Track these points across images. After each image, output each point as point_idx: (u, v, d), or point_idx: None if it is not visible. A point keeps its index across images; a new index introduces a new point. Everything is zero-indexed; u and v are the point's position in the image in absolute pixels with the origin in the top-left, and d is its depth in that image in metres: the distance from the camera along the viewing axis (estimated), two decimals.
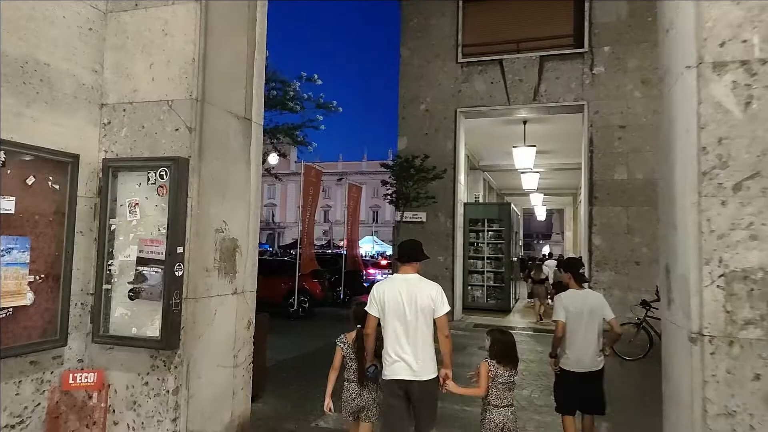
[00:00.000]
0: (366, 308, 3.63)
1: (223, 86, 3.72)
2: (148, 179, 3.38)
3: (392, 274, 4.05)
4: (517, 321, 13.39)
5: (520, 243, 25.96)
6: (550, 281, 15.48)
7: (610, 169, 11.85)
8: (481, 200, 20.14)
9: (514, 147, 14.40)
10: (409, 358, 3.44)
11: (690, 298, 2.65)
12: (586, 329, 4.24)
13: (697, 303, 2.60)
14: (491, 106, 12.65)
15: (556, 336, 4.31)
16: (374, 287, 3.68)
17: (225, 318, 3.73)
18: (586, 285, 4.63)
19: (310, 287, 12.63)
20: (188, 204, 3.38)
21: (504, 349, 3.61)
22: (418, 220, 12.76)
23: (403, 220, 12.51)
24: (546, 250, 50.73)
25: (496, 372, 3.57)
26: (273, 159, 12.13)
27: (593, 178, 11.93)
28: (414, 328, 3.47)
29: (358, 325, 3.83)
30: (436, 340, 3.57)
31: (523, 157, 14.46)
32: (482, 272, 14.94)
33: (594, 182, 11.92)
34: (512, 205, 15.90)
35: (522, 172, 17.63)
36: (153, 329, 3.30)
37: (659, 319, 8.98)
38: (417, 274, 3.65)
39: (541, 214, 35.76)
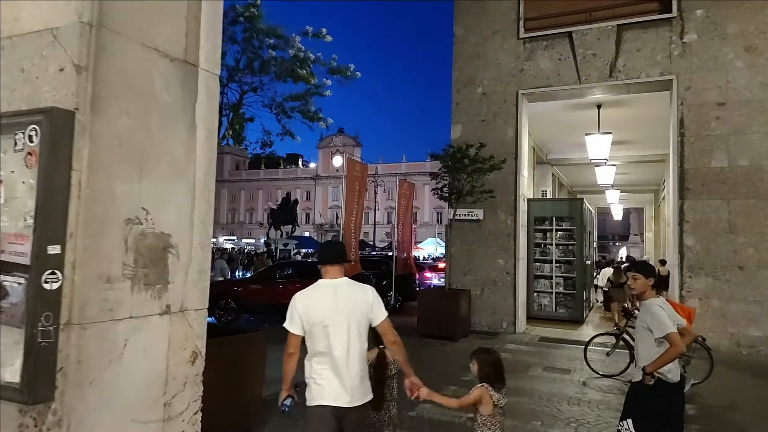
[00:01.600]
0: (285, 324, 3.06)
1: (140, 10, 2.55)
2: (15, 144, 2.26)
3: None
4: (593, 334, 11.56)
5: (594, 244, 23.73)
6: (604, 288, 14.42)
7: (706, 155, 9.89)
8: (548, 196, 18.30)
9: (586, 135, 12.63)
10: (340, 379, 2.97)
11: None
12: None
13: None
14: (559, 86, 10.98)
15: (677, 351, 3.45)
16: (295, 297, 3.08)
17: (146, 350, 2.56)
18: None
19: None
20: (72, 180, 2.23)
21: (496, 370, 3.13)
22: (474, 217, 11.29)
23: (456, 218, 11.08)
24: (623, 252, 47.08)
25: (498, 398, 3.07)
26: (338, 161, 11.15)
27: (684, 167, 10.01)
28: (346, 342, 2.99)
29: (380, 346, 3.58)
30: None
31: (598, 146, 12.65)
32: (550, 277, 13.23)
33: (685, 171, 10.00)
34: (585, 200, 14.03)
35: (596, 165, 15.68)
36: (14, 372, 2.17)
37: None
38: (346, 278, 3.15)
39: (617, 213, 32.90)
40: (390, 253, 23.85)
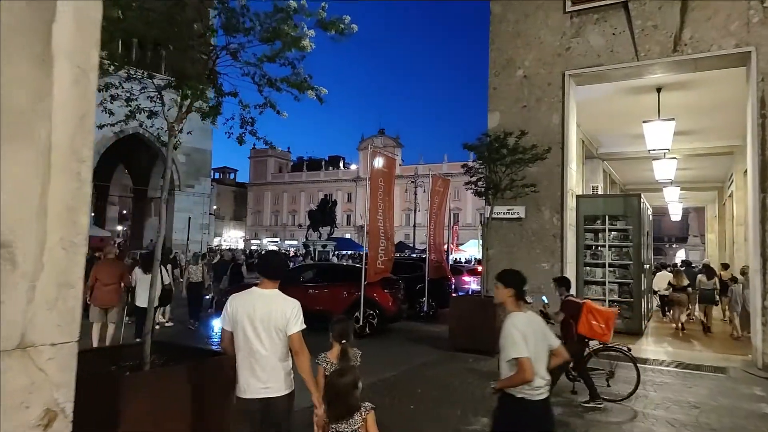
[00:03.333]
0: (219, 320, 3.63)
1: None
2: None
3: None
4: (654, 349, 10.12)
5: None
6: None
7: None
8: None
9: (644, 122, 11.13)
10: (257, 373, 3.31)
11: None
12: (538, 358, 3.34)
13: None
14: (612, 64, 9.60)
15: (523, 378, 3.22)
16: (228, 300, 3.47)
17: None
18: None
19: (380, 299, 10.41)
20: None
21: (329, 395, 3.06)
22: (515, 216, 10.03)
23: (494, 216, 9.86)
24: (681, 255, 44.05)
25: (327, 424, 3.01)
26: (378, 162, 10.25)
27: (766, 155, 8.48)
28: (266, 344, 3.31)
29: (343, 341, 3.80)
30: None
31: (658, 134, 11.12)
32: (602, 283, 11.78)
33: (767, 160, 8.46)
34: (643, 197, 12.50)
35: (654, 159, 14.09)
36: None
37: (581, 337, 6.31)
38: (276, 290, 3.46)
39: (675, 213, 30.51)
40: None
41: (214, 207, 64.48)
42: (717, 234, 28.16)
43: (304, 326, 3.36)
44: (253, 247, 62.09)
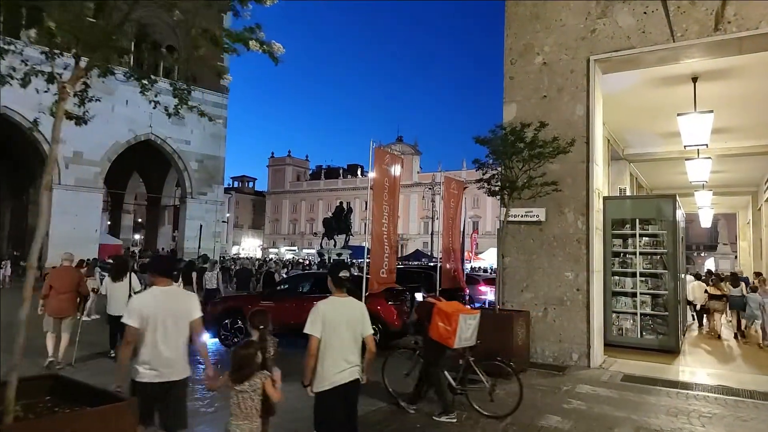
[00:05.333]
0: (123, 319, 3.71)
1: None
2: None
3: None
4: (694, 370, 8.87)
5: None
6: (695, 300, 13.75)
7: None
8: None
9: (679, 115, 9.96)
10: (162, 359, 3.68)
11: None
12: (342, 340, 3.84)
13: None
14: (645, 46, 8.48)
15: (309, 355, 3.78)
16: (134, 299, 4.11)
17: None
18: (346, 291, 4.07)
19: (384, 312, 9.38)
20: None
21: (234, 362, 3.64)
22: (534, 218, 8.93)
23: (510, 219, 8.77)
24: (710, 264, 42.02)
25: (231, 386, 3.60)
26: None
27: None
28: (175, 332, 3.77)
29: (261, 327, 4.10)
30: None
31: (694, 128, 9.92)
32: (633, 294, 10.59)
33: None
34: (678, 199, 11.27)
35: (687, 158, 12.86)
36: None
37: (435, 342, 5.81)
38: (174, 285, 4.05)
39: (706, 219, 28.82)
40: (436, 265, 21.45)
41: (227, 215, 64.03)
42: (750, 241, 26.57)
43: (201, 313, 3.96)
44: (270, 256, 61.47)
